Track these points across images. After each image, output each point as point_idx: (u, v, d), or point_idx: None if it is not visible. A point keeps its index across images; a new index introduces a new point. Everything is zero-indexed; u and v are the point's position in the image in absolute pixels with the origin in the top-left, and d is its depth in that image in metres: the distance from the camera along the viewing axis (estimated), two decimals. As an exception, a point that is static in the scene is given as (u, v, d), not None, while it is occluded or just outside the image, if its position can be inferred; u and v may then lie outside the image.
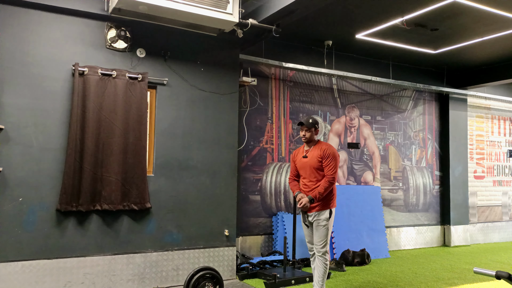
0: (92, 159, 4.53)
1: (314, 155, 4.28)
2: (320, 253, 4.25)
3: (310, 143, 4.37)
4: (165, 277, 4.90)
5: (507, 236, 9.04)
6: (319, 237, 4.23)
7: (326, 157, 4.21)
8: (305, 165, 4.31)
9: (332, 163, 4.19)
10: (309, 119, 4.30)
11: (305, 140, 4.34)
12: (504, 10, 5.20)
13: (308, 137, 4.32)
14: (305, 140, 4.35)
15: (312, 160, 4.27)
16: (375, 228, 7.06)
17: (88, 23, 4.67)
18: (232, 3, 4.64)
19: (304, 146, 4.43)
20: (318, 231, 4.22)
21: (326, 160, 4.20)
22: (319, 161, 4.22)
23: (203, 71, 5.27)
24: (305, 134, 4.32)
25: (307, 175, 4.32)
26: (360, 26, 5.88)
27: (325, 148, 4.26)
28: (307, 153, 4.35)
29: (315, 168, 4.25)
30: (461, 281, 5.49)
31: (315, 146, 4.32)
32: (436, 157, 8.35)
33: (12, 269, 4.17)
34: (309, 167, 4.27)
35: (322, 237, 4.21)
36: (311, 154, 4.31)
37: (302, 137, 4.35)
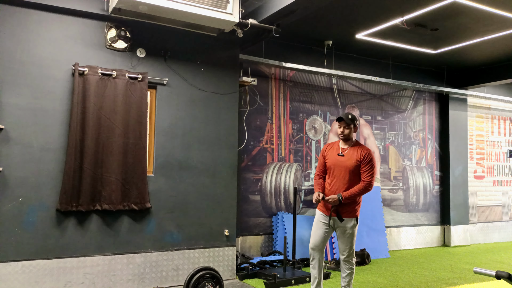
0: (92, 159, 4.53)
1: (353, 157, 3.99)
2: (346, 259, 4.10)
3: (347, 142, 4.08)
4: (165, 277, 4.90)
5: (507, 236, 9.04)
6: (346, 245, 4.05)
7: (366, 162, 3.96)
8: (340, 164, 4.02)
9: (370, 169, 3.95)
10: (348, 115, 4.02)
11: (342, 137, 4.05)
12: (504, 10, 5.20)
13: (347, 134, 4.03)
14: (342, 137, 4.06)
15: (350, 161, 3.99)
16: (375, 228, 7.06)
17: (88, 23, 4.67)
18: (232, 3, 4.64)
19: (339, 143, 4.13)
20: (345, 238, 4.03)
21: (366, 166, 3.95)
22: (357, 164, 3.96)
23: (203, 71, 5.27)
24: (343, 131, 4.02)
25: (339, 176, 4.02)
26: (360, 26, 5.88)
27: (366, 152, 3.99)
28: (344, 152, 4.05)
29: (350, 170, 3.98)
30: (461, 281, 5.49)
31: (355, 147, 4.04)
32: (436, 157, 8.35)
33: (12, 269, 4.17)
34: (345, 168, 3.99)
35: (349, 244, 4.04)
36: (350, 154, 4.02)
37: (340, 134, 4.06)
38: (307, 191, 6.84)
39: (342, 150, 4.06)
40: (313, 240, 4.12)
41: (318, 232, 4.11)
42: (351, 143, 4.07)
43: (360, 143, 4.11)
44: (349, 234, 4.01)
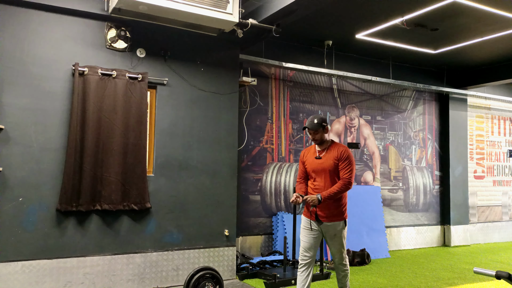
0: (92, 159, 4.53)
1: (330, 157, 3.93)
2: (338, 261, 4.02)
3: (322, 144, 4.01)
4: (165, 277, 4.90)
5: (507, 236, 9.04)
6: (336, 249, 3.96)
7: (343, 159, 3.88)
8: (319, 167, 3.96)
9: (348, 166, 3.86)
10: (313, 120, 3.91)
11: (317, 142, 4.00)
12: (504, 10, 5.20)
13: (318, 138, 3.96)
14: (317, 142, 4.00)
15: (327, 162, 3.93)
16: (375, 228, 7.06)
17: (88, 23, 4.67)
18: (232, 3, 4.64)
19: (315, 146, 4.07)
20: (334, 242, 3.94)
21: (343, 163, 3.87)
22: (335, 163, 3.90)
23: (203, 71, 5.27)
24: (314, 137, 3.97)
25: (320, 178, 3.96)
26: (360, 26, 5.88)
27: (342, 150, 3.92)
28: (321, 154, 3.99)
29: (330, 171, 3.91)
30: (461, 281, 5.49)
31: (331, 147, 3.98)
32: (436, 157, 8.35)
33: (12, 269, 4.17)
34: (324, 170, 3.93)
35: (338, 247, 3.95)
36: (326, 155, 3.96)
37: (313, 140, 4.00)
38: (307, 191, 6.83)
39: (319, 153, 4.00)
40: (303, 246, 3.98)
41: (304, 237, 3.98)
42: (327, 144, 4.00)
43: (335, 142, 4.05)
44: (337, 237, 3.91)
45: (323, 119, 3.93)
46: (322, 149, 4.00)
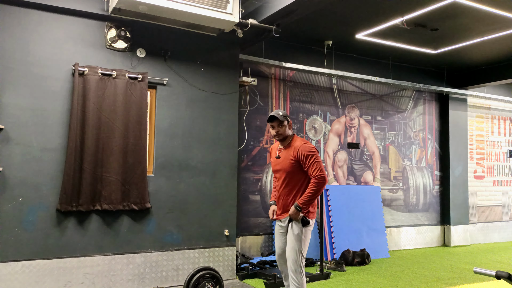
0: (92, 159, 4.53)
1: (287, 156, 3.51)
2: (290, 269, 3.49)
3: (284, 141, 3.59)
4: (165, 277, 4.90)
5: (507, 236, 9.04)
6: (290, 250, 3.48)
7: (303, 157, 3.43)
8: (278, 168, 3.59)
9: (313, 163, 3.41)
10: (278, 112, 3.54)
11: (279, 138, 3.57)
12: (504, 10, 5.20)
13: (283, 133, 3.54)
14: (279, 138, 3.58)
15: (284, 162, 3.52)
16: (375, 228, 7.06)
17: (88, 23, 4.67)
18: (232, 3, 4.64)
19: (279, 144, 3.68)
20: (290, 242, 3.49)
21: (306, 161, 3.42)
22: (292, 163, 3.47)
23: (203, 71, 5.27)
24: (278, 130, 3.53)
25: (280, 180, 3.59)
26: (360, 26, 5.88)
27: (298, 146, 3.46)
28: (280, 152, 3.60)
29: (288, 172, 3.51)
30: (461, 281, 5.49)
31: (289, 144, 3.56)
32: (436, 157, 8.35)
33: (12, 269, 4.17)
34: (282, 170, 3.55)
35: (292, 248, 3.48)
36: (284, 154, 3.56)
37: (275, 136, 3.56)
38: (307, 191, 6.83)
39: (279, 151, 3.62)
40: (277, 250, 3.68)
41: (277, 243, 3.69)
42: (288, 140, 3.58)
43: (295, 138, 3.60)
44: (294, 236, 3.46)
45: (285, 113, 3.58)
46: (282, 147, 3.62)
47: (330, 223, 6.65)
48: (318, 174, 3.39)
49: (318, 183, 3.38)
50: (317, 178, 3.38)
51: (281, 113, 3.54)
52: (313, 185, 3.39)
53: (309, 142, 3.62)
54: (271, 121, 3.54)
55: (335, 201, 6.78)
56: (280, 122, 3.52)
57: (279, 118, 3.50)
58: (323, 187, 3.42)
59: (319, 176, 3.38)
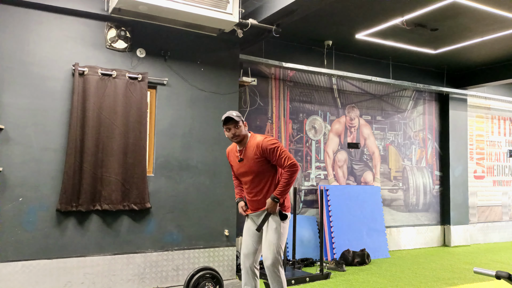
0: (92, 159, 4.53)
1: (251, 156, 3.39)
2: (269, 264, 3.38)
3: (242, 142, 3.45)
4: (165, 277, 4.90)
5: (507, 236, 9.04)
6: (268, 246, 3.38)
7: (269, 152, 3.32)
8: (244, 170, 3.47)
9: (281, 153, 3.32)
10: (232, 113, 3.39)
11: (237, 140, 3.42)
12: (504, 10, 5.20)
13: (240, 134, 3.39)
14: (237, 140, 3.42)
15: (249, 163, 3.41)
16: (375, 228, 7.07)
17: (88, 23, 4.67)
18: (232, 3, 4.64)
19: (236, 146, 3.55)
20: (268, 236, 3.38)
21: (272, 154, 3.33)
22: (258, 161, 3.37)
23: (203, 71, 5.27)
24: (235, 132, 3.38)
25: (250, 182, 3.47)
26: (360, 26, 5.88)
27: (260, 143, 3.36)
28: (242, 154, 3.46)
29: (259, 172, 3.40)
30: (461, 281, 5.49)
31: (249, 144, 3.43)
32: (436, 157, 8.35)
33: (12, 269, 4.17)
34: (250, 172, 3.43)
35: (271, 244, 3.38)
36: (246, 155, 3.43)
37: (233, 138, 3.42)
38: (307, 191, 6.84)
39: (240, 153, 3.49)
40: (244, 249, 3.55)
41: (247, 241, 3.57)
42: (246, 140, 3.45)
43: (253, 135, 3.49)
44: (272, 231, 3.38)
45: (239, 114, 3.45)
46: (242, 148, 3.47)
47: (330, 223, 6.66)
48: (289, 163, 3.31)
49: (291, 170, 3.31)
50: (290, 166, 3.31)
51: (235, 113, 3.40)
52: (287, 174, 3.31)
53: (267, 135, 3.50)
54: (227, 123, 3.38)
55: (335, 201, 6.78)
56: (236, 123, 3.37)
57: (234, 118, 3.36)
58: (296, 174, 3.35)
59: (291, 164, 3.31)
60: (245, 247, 3.56)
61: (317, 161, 6.99)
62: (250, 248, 3.53)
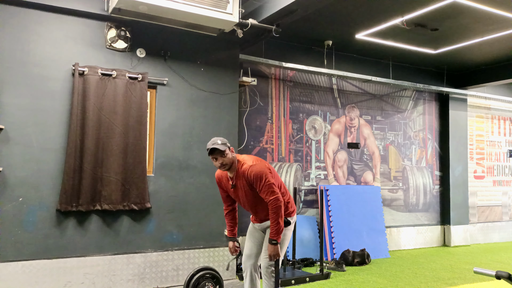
0: (92, 159, 4.53)
1: (242, 184, 3.32)
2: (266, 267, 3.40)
3: (231, 168, 3.33)
4: (165, 277, 4.90)
5: (507, 236, 9.04)
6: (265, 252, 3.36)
7: (254, 181, 3.22)
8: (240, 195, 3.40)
9: (265, 185, 3.20)
10: (216, 141, 3.26)
11: (225, 168, 3.30)
12: (504, 10, 5.20)
13: (228, 163, 3.27)
14: (225, 168, 3.31)
15: (242, 189, 3.34)
16: (375, 228, 7.07)
17: (88, 23, 4.67)
18: (232, 3, 4.64)
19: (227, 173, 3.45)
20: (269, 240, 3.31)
21: (257, 185, 3.21)
22: (251, 188, 3.30)
23: (203, 71, 5.27)
24: (222, 161, 3.25)
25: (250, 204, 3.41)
26: (360, 26, 5.88)
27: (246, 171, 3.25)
28: (234, 181, 3.38)
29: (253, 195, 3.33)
30: (461, 281, 5.49)
31: (239, 170, 3.31)
32: (436, 157, 8.35)
33: (12, 269, 4.17)
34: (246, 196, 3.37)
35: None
36: (239, 182, 3.35)
37: (221, 167, 3.30)
38: (307, 191, 6.84)
39: (232, 180, 3.40)
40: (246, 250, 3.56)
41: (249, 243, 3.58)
42: (234, 166, 3.33)
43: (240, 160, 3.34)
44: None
45: (224, 141, 3.29)
46: (232, 175, 3.37)
47: (330, 223, 6.66)
48: (271, 198, 3.19)
49: (273, 208, 3.19)
50: (271, 202, 3.19)
51: (220, 141, 3.25)
52: (270, 212, 3.21)
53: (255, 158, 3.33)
54: (212, 153, 3.26)
55: (335, 201, 6.78)
56: (222, 152, 3.23)
57: (220, 148, 3.22)
58: (280, 209, 3.21)
59: (272, 200, 3.18)
60: (247, 249, 3.59)
61: (317, 161, 6.99)
62: (253, 250, 3.57)
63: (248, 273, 3.56)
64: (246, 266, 3.57)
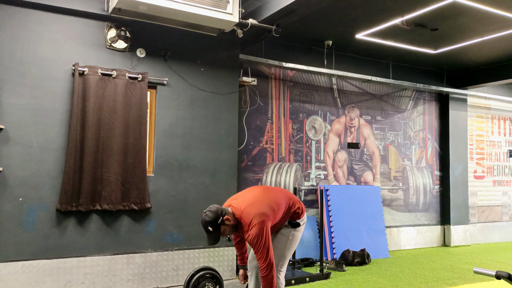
0: (92, 159, 4.53)
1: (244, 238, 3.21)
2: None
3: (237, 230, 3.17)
4: (165, 277, 4.90)
5: (507, 236, 9.04)
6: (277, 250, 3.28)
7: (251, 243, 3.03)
8: None
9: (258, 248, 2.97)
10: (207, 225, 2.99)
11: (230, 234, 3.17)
12: (504, 10, 5.20)
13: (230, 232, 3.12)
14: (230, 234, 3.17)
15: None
16: (375, 228, 7.07)
17: (88, 23, 4.67)
18: (232, 3, 4.64)
19: None
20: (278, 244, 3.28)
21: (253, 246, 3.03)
22: None
23: (203, 71, 5.28)
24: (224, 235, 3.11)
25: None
26: (360, 26, 5.88)
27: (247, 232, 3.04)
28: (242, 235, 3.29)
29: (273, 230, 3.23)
30: (461, 281, 5.49)
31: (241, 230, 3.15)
32: (436, 157, 8.35)
33: (12, 269, 4.17)
34: None
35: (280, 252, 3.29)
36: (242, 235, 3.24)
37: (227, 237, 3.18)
38: (307, 191, 6.84)
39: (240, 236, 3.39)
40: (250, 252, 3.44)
41: None
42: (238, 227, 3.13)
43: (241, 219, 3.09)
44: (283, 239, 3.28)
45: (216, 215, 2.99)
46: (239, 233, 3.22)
47: (330, 223, 6.66)
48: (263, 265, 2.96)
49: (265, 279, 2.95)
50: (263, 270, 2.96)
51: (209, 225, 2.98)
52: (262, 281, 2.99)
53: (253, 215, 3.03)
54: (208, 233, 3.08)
55: (335, 201, 6.78)
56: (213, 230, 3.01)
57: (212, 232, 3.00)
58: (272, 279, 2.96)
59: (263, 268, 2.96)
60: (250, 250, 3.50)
61: (317, 161, 6.99)
62: None
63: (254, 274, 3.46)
64: (251, 266, 3.47)
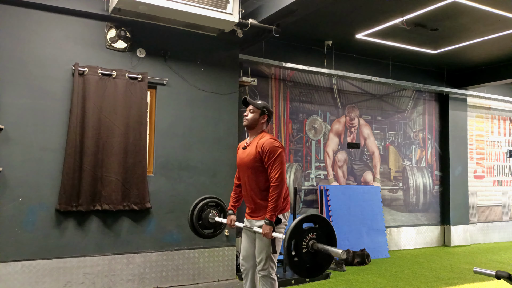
0: (92, 159, 4.53)
1: (252, 149, 3.21)
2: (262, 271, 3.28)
3: (252, 131, 3.29)
4: (165, 277, 4.90)
5: (507, 236, 9.04)
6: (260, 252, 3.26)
7: (266, 152, 3.09)
8: (243, 163, 3.29)
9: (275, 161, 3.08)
10: (257, 100, 3.37)
11: (245, 122, 3.29)
12: (504, 10, 5.20)
13: (250, 119, 3.25)
14: (245, 123, 3.29)
15: (249, 156, 3.22)
16: (375, 228, 7.07)
17: (88, 23, 4.67)
18: (232, 3, 4.64)
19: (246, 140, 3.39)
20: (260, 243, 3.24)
21: (267, 157, 3.08)
22: (256, 157, 3.16)
23: (203, 71, 5.28)
24: (247, 114, 3.27)
25: (243, 178, 3.32)
26: (360, 26, 5.88)
27: (263, 142, 3.13)
28: (248, 145, 3.30)
29: (250, 168, 3.21)
30: (461, 281, 5.50)
31: (258, 137, 3.25)
32: (436, 157, 8.35)
33: (12, 269, 4.17)
34: (246, 166, 3.25)
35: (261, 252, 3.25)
36: (251, 147, 3.25)
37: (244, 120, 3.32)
38: (307, 191, 6.84)
39: (246, 144, 3.32)
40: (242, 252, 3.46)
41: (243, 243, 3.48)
42: (256, 132, 3.27)
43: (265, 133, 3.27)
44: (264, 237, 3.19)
45: (269, 108, 3.33)
46: (250, 141, 3.30)
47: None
48: (275, 176, 3.06)
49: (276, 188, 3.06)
50: (274, 182, 3.07)
51: (259, 102, 3.32)
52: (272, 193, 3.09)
53: (278, 140, 3.23)
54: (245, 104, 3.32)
55: (335, 201, 6.78)
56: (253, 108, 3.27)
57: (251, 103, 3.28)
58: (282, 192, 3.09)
59: (276, 179, 3.06)
60: (244, 250, 3.48)
61: (317, 161, 6.99)
62: (248, 250, 3.44)
63: (250, 275, 3.46)
64: (246, 268, 3.46)
